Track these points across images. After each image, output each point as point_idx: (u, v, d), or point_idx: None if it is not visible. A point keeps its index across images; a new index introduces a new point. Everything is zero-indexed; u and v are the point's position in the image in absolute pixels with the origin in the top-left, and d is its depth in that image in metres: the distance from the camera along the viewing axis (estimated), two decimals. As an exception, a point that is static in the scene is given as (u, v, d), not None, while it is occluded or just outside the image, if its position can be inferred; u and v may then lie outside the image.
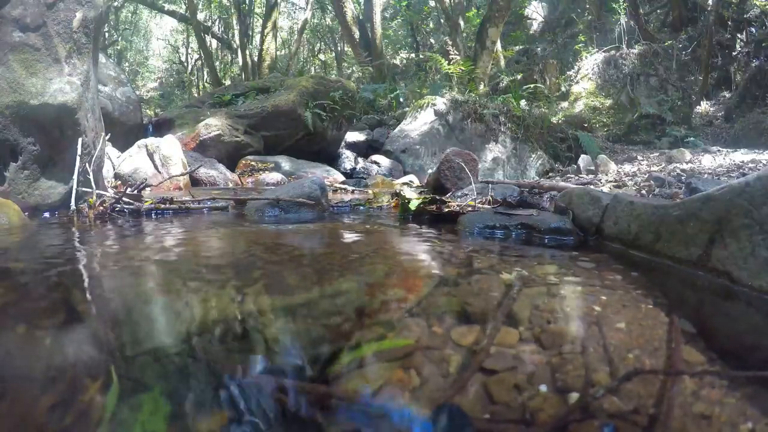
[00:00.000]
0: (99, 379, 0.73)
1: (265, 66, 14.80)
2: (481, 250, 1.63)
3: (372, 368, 0.78)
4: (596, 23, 12.50)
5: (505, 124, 7.92)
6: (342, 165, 7.34)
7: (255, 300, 1.11)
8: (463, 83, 9.37)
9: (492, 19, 10.00)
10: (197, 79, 21.37)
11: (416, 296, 1.11)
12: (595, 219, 1.77)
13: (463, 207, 2.39)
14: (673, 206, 1.39)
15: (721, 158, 6.71)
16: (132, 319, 1.03)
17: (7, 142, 2.56)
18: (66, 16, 2.70)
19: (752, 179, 1.13)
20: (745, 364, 0.81)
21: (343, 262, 1.51)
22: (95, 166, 2.95)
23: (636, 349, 0.82)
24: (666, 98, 9.86)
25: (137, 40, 23.57)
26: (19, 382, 0.73)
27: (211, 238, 1.99)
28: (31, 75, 2.58)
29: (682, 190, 3.35)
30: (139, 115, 6.87)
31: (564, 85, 10.93)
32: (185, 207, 2.77)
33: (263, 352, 0.84)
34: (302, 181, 3.08)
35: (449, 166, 3.67)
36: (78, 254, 1.66)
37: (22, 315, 1.03)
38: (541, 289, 1.13)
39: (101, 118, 3.24)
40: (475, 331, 0.89)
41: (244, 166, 6.11)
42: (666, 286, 1.24)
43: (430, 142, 7.66)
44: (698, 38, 10.90)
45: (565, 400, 0.68)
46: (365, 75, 13.40)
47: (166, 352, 0.84)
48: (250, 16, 17.54)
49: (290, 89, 7.31)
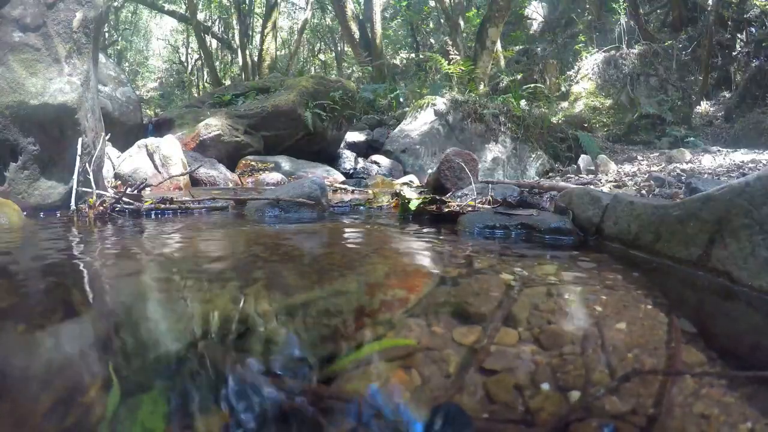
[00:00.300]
0: (99, 379, 0.73)
1: (265, 66, 14.81)
2: (481, 250, 1.63)
3: (372, 368, 0.78)
4: (596, 23, 12.50)
5: (505, 124, 7.92)
6: (342, 165, 7.34)
7: (255, 300, 1.11)
8: (463, 83, 9.38)
9: (492, 19, 10.00)
10: (197, 79, 21.37)
11: (416, 296, 1.11)
12: (595, 219, 1.77)
13: (463, 207, 2.39)
14: (673, 206, 1.39)
15: (721, 158, 6.71)
16: (132, 319, 1.03)
17: (7, 142, 2.56)
18: (66, 16, 2.70)
19: (752, 179, 1.13)
20: (745, 364, 0.81)
21: (343, 262, 1.51)
22: (95, 166, 2.95)
23: (636, 349, 0.82)
24: (666, 98, 9.87)
25: (137, 40, 23.58)
26: (19, 382, 0.73)
27: (211, 238, 1.99)
28: (31, 75, 2.58)
29: (682, 190, 3.36)
30: (139, 115, 6.88)
31: (564, 85, 10.93)
32: (185, 207, 2.77)
33: (263, 352, 0.84)
34: (302, 181, 3.08)
35: (449, 166, 3.67)
36: (78, 254, 1.66)
37: (22, 315, 1.03)
38: (541, 289, 1.13)
39: (101, 118, 3.24)
40: (475, 331, 0.89)
41: (244, 166, 6.11)
42: (666, 286, 1.24)
43: (430, 142, 7.66)
44: (698, 38, 10.91)
45: (565, 399, 0.68)
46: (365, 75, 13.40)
47: (166, 352, 0.84)
48: (250, 16, 17.54)
49: (290, 89, 7.31)
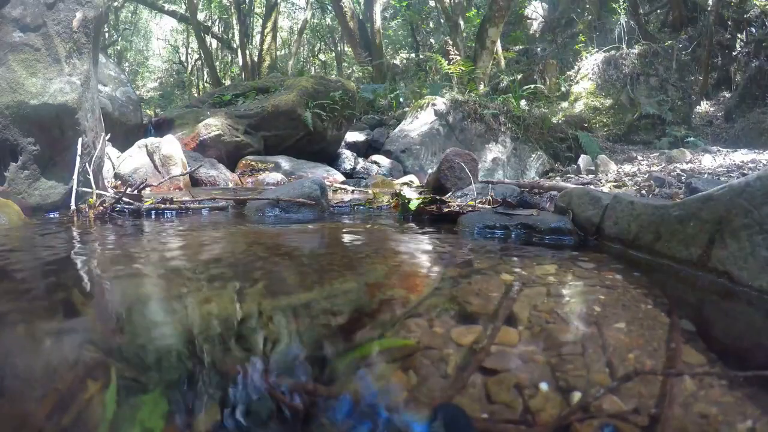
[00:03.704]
0: (99, 378, 0.73)
1: (265, 66, 14.81)
2: (481, 250, 1.63)
3: (372, 368, 0.78)
4: (596, 23, 12.49)
5: (505, 124, 7.92)
6: (342, 165, 7.34)
7: (255, 300, 1.11)
8: (463, 83, 9.37)
9: (492, 19, 9.99)
10: (197, 79, 21.36)
11: (416, 296, 1.11)
12: (595, 219, 1.77)
13: (463, 207, 2.38)
14: (673, 206, 1.39)
15: (721, 158, 6.70)
16: (132, 318, 1.03)
17: (7, 142, 2.56)
18: (66, 16, 2.70)
19: (752, 179, 1.13)
20: (745, 364, 0.81)
21: (343, 262, 1.51)
22: (95, 166, 2.95)
23: (636, 349, 0.82)
24: (666, 98, 9.86)
25: (137, 40, 23.56)
26: (19, 381, 0.73)
27: (211, 238, 1.99)
28: (31, 75, 2.58)
29: (682, 190, 3.36)
30: (139, 115, 6.87)
31: (564, 85, 10.92)
32: (185, 207, 2.77)
33: (263, 352, 0.84)
34: (302, 181, 3.08)
35: (449, 166, 3.67)
36: (78, 254, 1.66)
37: (22, 315, 1.03)
38: (540, 289, 1.13)
39: (101, 118, 3.24)
40: (475, 330, 0.89)
41: (244, 166, 6.11)
42: (666, 286, 1.23)
43: (430, 142, 7.66)
44: (698, 38, 10.90)
45: (565, 400, 0.68)
46: (365, 75, 13.39)
47: (166, 352, 0.84)
48: (250, 16, 17.54)
49: (290, 89, 7.31)
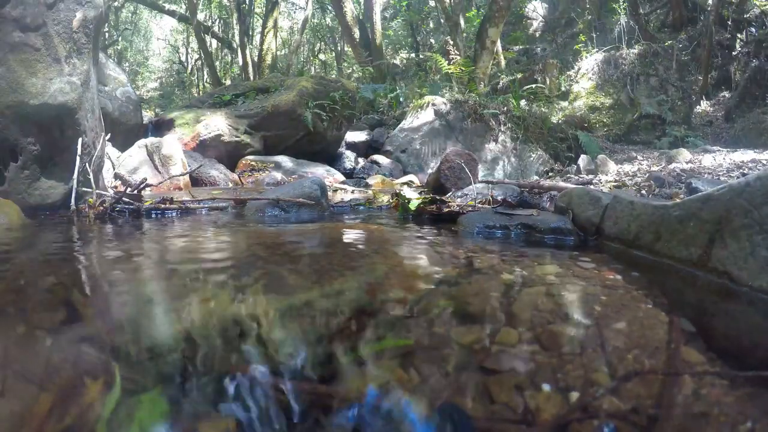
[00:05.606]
0: (99, 378, 0.73)
1: (265, 66, 14.80)
2: (481, 250, 1.63)
3: (372, 368, 0.78)
4: (596, 23, 12.49)
5: (505, 124, 7.91)
6: (342, 165, 7.34)
7: (255, 300, 1.11)
8: (463, 83, 9.37)
9: (492, 19, 9.98)
10: (197, 79, 21.36)
11: (416, 296, 1.11)
12: (595, 219, 1.77)
13: (463, 207, 2.39)
14: (673, 206, 1.39)
15: (721, 158, 6.70)
16: (132, 318, 1.03)
17: (7, 142, 2.56)
18: (66, 16, 2.70)
19: (752, 179, 1.13)
20: (745, 364, 0.81)
21: (343, 261, 1.51)
22: (95, 166, 2.95)
23: (636, 349, 0.82)
24: (666, 98, 9.86)
25: (137, 40, 23.55)
26: (19, 381, 0.73)
27: (211, 238, 1.99)
28: (31, 75, 2.58)
29: (682, 190, 3.36)
30: (139, 115, 6.86)
31: (564, 84, 10.92)
32: (185, 207, 2.77)
33: (263, 352, 0.84)
34: (302, 181, 3.08)
35: (449, 166, 3.67)
36: (77, 254, 1.66)
37: (22, 315, 1.03)
38: (541, 289, 1.13)
39: (101, 118, 3.24)
40: (475, 330, 0.89)
41: (244, 166, 6.11)
42: (666, 286, 1.23)
43: (430, 142, 7.65)
44: (698, 38, 10.89)
45: (565, 399, 0.68)
46: (365, 75, 13.38)
47: (166, 352, 0.84)
48: (250, 15, 17.53)
49: (290, 89, 7.31)
